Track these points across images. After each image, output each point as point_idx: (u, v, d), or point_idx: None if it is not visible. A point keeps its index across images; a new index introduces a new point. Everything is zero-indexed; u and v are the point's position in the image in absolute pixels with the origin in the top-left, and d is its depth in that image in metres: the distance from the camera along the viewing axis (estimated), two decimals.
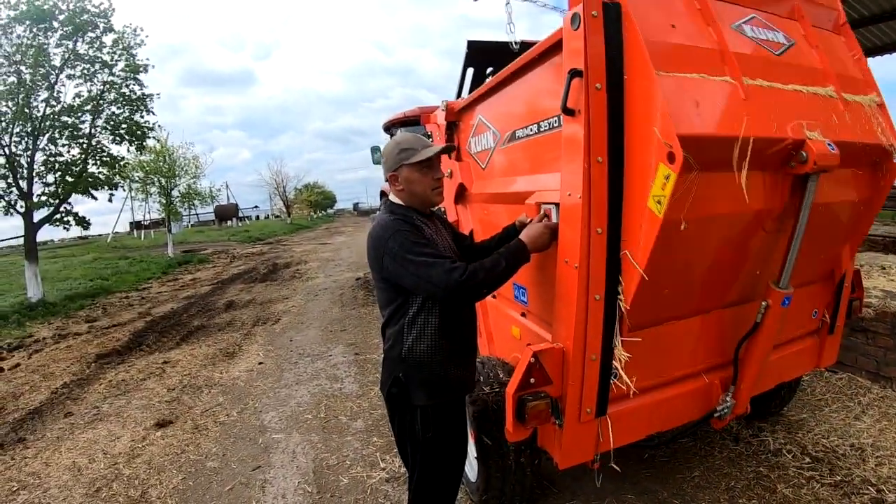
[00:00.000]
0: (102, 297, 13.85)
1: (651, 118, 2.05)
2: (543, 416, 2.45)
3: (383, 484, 3.91)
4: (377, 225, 2.47)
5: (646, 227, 2.13)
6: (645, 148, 2.10)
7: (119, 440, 5.04)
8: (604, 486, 3.59)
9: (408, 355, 2.43)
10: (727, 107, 2.18)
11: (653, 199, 2.06)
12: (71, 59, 13.00)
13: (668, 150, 1.94)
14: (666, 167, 1.96)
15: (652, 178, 2.05)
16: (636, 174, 2.18)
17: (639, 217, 2.17)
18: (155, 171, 22.81)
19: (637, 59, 2.11)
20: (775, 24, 2.63)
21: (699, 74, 2.16)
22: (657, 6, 2.26)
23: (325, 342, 7.89)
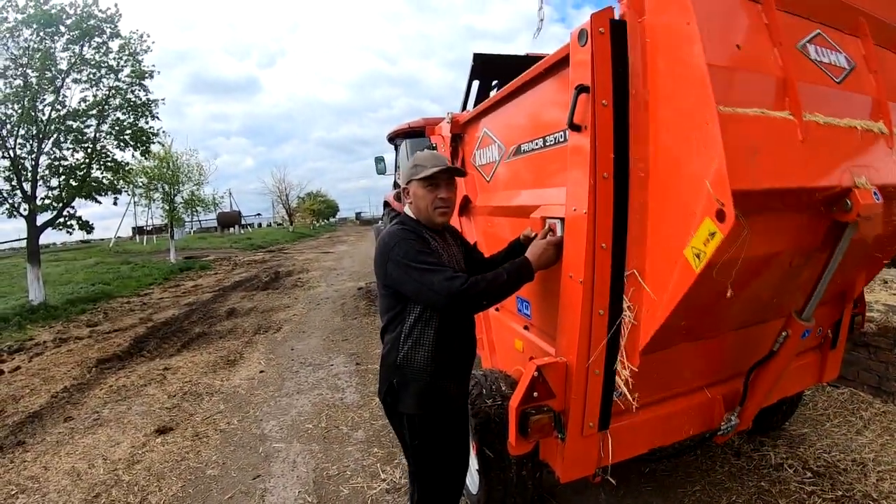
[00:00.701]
0: (104, 301, 13.86)
1: (704, 163, 1.85)
2: (546, 430, 2.45)
3: (384, 495, 3.90)
4: (385, 233, 2.53)
5: (678, 276, 2.04)
6: (688, 191, 1.94)
7: (119, 446, 5.03)
8: (604, 499, 3.60)
9: (402, 363, 2.48)
10: (785, 152, 2.04)
11: (691, 250, 1.95)
12: (77, 63, 13.06)
13: (718, 206, 1.78)
14: (713, 224, 1.82)
15: (693, 229, 1.91)
16: (672, 214, 2.06)
17: (670, 261, 2.07)
18: (159, 177, 22.87)
19: (692, 86, 1.88)
20: (839, 43, 2.45)
21: (760, 110, 1.98)
22: (722, 21, 2.10)
23: (326, 351, 7.88)
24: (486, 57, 4.73)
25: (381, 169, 10.71)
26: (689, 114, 1.91)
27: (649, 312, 2.19)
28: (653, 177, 2.14)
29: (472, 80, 4.81)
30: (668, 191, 2.08)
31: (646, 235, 2.21)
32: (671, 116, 2.03)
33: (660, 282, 2.15)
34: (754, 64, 2.07)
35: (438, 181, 2.53)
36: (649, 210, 2.18)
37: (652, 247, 2.18)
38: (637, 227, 2.23)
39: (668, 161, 2.06)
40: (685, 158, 1.96)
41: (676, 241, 2.01)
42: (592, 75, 2.15)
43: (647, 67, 2.11)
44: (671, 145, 2.04)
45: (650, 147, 2.14)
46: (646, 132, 2.14)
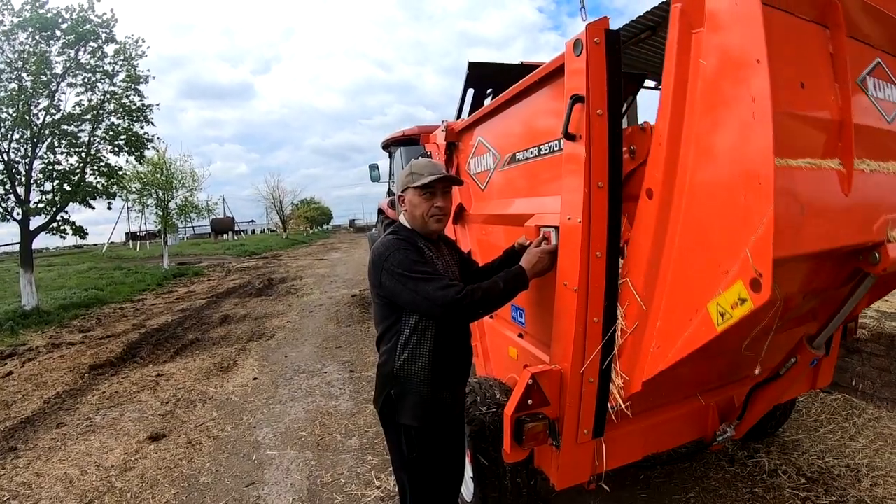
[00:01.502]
0: (97, 307, 13.82)
1: (747, 224, 1.68)
2: (541, 438, 2.46)
3: (378, 503, 3.89)
4: (379, 243, 2.53)
5: (697, 327, 1.92)
6: (724, 246, 1.79)
7: (111, 452, 5.01)
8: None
9: (399, 373, 2.47)
10: (829, 207, 1.92)
11: (716, 307, 1.82)
12: (72, 67, 13.04)
13: (755, 275, 1.65)
14: (746, 291, 1.69)
15: (723, 287, 1.78)
16: (702, 263, 1.91)
17: (690, 308, 1.95)
18: (152, 182, 22.84)
19: (750, 134, 1.68)
20: (894, 73, 2.31)
21: (811, 161, 1.85)
22: (791, 52, 1.90)
23: (320, 359, 7.87)
24: (481, 65, 4.74)
25: (375, 176, 10.73)
26: (738, 162, 1.73)
27: (659, 350, 2.13)
28: (685, 210, 1.97)
29: (466, 89, 4.83)
30: (700, 236, 1.93)
31: (662, 266, 2.10)
32: (715, 156, 1.85)
33: (674, 324, 2.05)
34: (814, 104, 1.96)
35: (435, 189, 2.53)
36: (675, 243, 2.03)
37: (672, 285, 2.07)
38: (650, 249, 2.12)
39: (704, 202, 1.90)
40: (725, 210, 1.79)
41: (701, 292, 1.89)
42: (587, 85, 2.18)
43: (690, 90, 1.94)
44: (711, 188, 1.87)
45: (685, 176, 1.97)
46: (676, 154, 1.99)
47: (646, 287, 2.13)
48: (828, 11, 2.00)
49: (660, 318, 2.10)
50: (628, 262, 2.25)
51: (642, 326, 2.19)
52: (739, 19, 1.72)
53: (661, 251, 2.08)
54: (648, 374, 2.18)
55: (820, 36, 2.01)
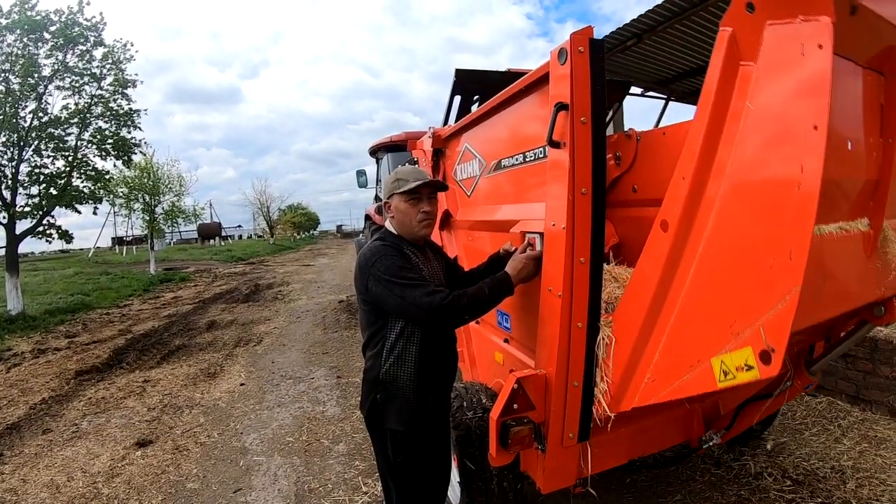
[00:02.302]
0: (83, 312, 13.73)
1: (766, 294, 1.63)
2: (526, 441, 2.47)
3: None
4: (366, 248, 2.55)
5: (696, 377, 1.89)
6: (739, 307, 1.74)
7: (98, 459, 4.99)
8: None
9: (385, 378, 2.49)
10: (851, 272, 1.87)
11: (720, 363, 1.79)
12: (60, 70, 13.00)
13: (766, 348, 1.62)
14: (754, 360, 1.66)
15: (731, 347, 1.74)
16: (712, 315, 1.85)
17: (691, 357, 1.92)
18: (139, 187, 22.71)
19: (788, 201, 1.60)
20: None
21: (842, 225, 1.78)
22: (846, 107, 1.82)
23: (307, 364, 7.87)
24: (468, 72, 4.76)
25: (362, 182, 10.74)
26: (771, 228, 1.65)
27: (654, 384, 2.10)
28: (703, 256, 1.90)
29: (453, 95, 4.84)
30: (716, 287, 1.85)
31: (668, 302, 2.04)
32: (746, 210, 1.77)
33: (673, 365, 2.01)
34: (857, 165, 1.88)
35: (421, 195, 2.55)
36: (686, 284, 1.96)
37: (676, 325, 2.01)
38: (658, 282, 2.04)
39: (726, 254, 1.83)
40: (748, 270, 1.73)
41: (707, 343, 1.85)
42: (572, 93, 2.20)
43: (728, 130, 1.84)
44: (736, 241, 1.79)
45: (707, 219, 1.89)
46: (700, 194, 1.91)
47: (647, 317, 2.11)
48: (888, 57, 1.96)
49: (658, 352, 2.08)
50: (632, 288, 2.23)
51: (638, 353, 2.18)
52: (804, 73, 1.62)
53: (668, 286, 2.04)
54: (639, 403, 2.19)
55: (875, 85, 1.97)
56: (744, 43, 1.80)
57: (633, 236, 4.46)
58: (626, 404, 2.25)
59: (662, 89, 12.49)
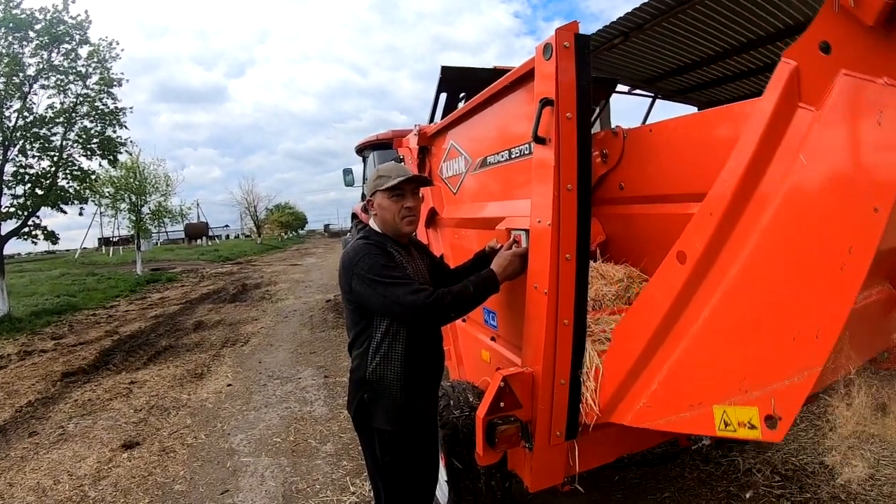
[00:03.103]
0: (69, 313, 13.61)
1: (785, 363, 1.58)
2: (513, 440, 2.46)
3: None
4: (349, 248, 2.53)
5: (694, 418, 1.87)
6: (751, 365, 1.69)
7: (85, 461, 4.95)
8: None
9: (372, 378, 2.48)
10: (868, 333, 1.85)
11: (723, 413, 1.76)
12: (45, 69, 12.88)
13: (773, 413, 1.60)
14: (758, 420, 1.63)
15: (737, 401, 1.71)
16: (724, 366, 1.80)
17: (692, 397, 1.89)
18: (125, 187, 22.56)
19: (832, 278, 1.51)
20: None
21: (867, 293, 1.74)
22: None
23: (294, 364, 7.84)
24: (454, 70, 4.75)
25: (349, 181, 10.73)
26: (804, 303, 1.57)
27: (648, 411, 2.08)
28: (722, 299, 1.82)
29: (439, 93, 4.83)
30: (731, 335, 1.78)
31: (674, 334, 1.99)
32: (776, 270, 1.68)
33: (671, 399, 1.98)
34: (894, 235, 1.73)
35: (404, 191, 2.54)
36: (698, 322, 1.90)
37: (680, 360, 1.96)
38: (666, 312, 1.98)
39: (748, 306, 1.75)
40: (770, 332, 1.65)
41: (711, 389, 1.81)
42: (557, 88, 2.19)
43: (771, 175, 1.73)
44: (760, 297, 1.71)
45: (731, 264, 1.81)
46: (727, 235, 1.83)
47: (650, 342, 2.07)
48: None
49: (658, 382, 2.04)
50: (638, 309, 2.18)
51: (635, 374, 2.16)
52: (876, 147, 1.46)
53: (677, 318, 1.98)
54: (631, 423, 2.18)
55: None
56: (808, 84, 1.65)
57: (621, 233, 4.48)
58: (617, 418, 2.25)
59: (649, 87, 12.56)
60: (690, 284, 1.91)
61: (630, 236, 4.36)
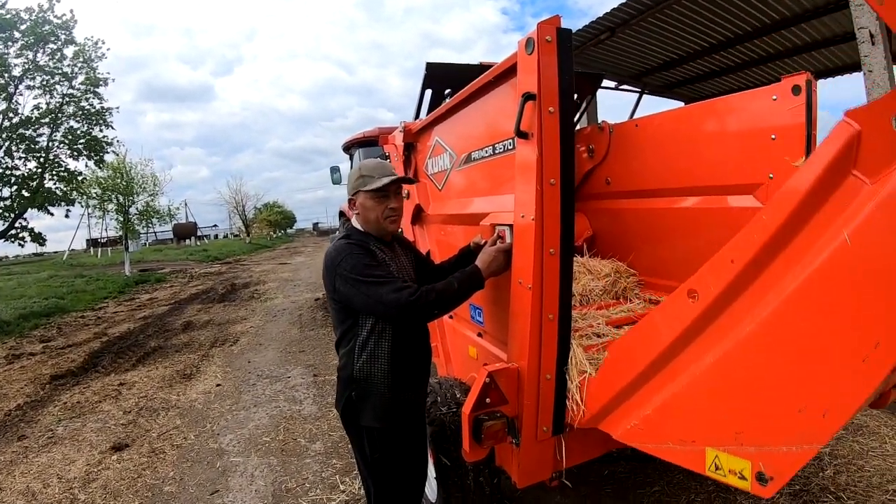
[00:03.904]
0: (57, 316, 13.51)
1: (787, 429, 1.54)
2: (500, 436, 2.46)
3: None
4: (331, 247, 2.53)
5: (685, 453, 1.84)
6: (751, 418, 1.65)
7: (74, 464, 4.92)
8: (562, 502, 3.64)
9: (359, 376, 2.48)
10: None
11: (714, 456, 1.73)
12: (31, 70, 12.81)
13: (764, 471, 1.57)
14: (749, 472, 1.60)
15: (730, 449, 1.68)
16: (717, 408, 1.77)
17: (685, 433, 1.86)
18: (112, 187, 22.41)
19: (847, 370, 1.44)
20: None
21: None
22: None
23: (283, 363, 7.82)
24: (439, 66, 4.73)
25: (336, 179, 10.72)
26: (819, 380, 1.51)
27: (639, 433, 2.05)
28: (732, 347, 1.75)
29: (424, 89, 4.82)
30: (735, 385, 1.73)
31: (674, 366, 1.95)
32: (790, 338, 1.60)
33: (664, 428, 1.95)
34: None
35: (388, 191, 2.53)
36: (701, 362, 1.84)
37: (677, 393, 1.91)
38: (668, 345, 1.94)
39: (758, 363, 1.67)
40: (776, 394, 1.60)
41: (706, 431, 1.78)
42: (539, 83, 2.18)
43: (804, 239, 1.63)
44: (772, 361, 1.63)
45: (747, 314, 1.73)
46: (746, 285, 1.75)
47: (648, 369, 2.03)
48: None
49: (653, 408, 2.00)
50: (640, 334, 2.13)
51: (628, 394, 2.14)
52: None
53: (679, 352, 1.94)
54: (619, 438, 2.16)
55: None
56: (869, 153, 1.51)
57: (608, 228, 4.49)
58: (605, 427, 2.26)
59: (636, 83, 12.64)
60: (698, 324, 1.85)
61: (617, 231, 4.38)
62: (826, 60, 11.02)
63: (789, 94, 2.85)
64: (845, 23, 8.38)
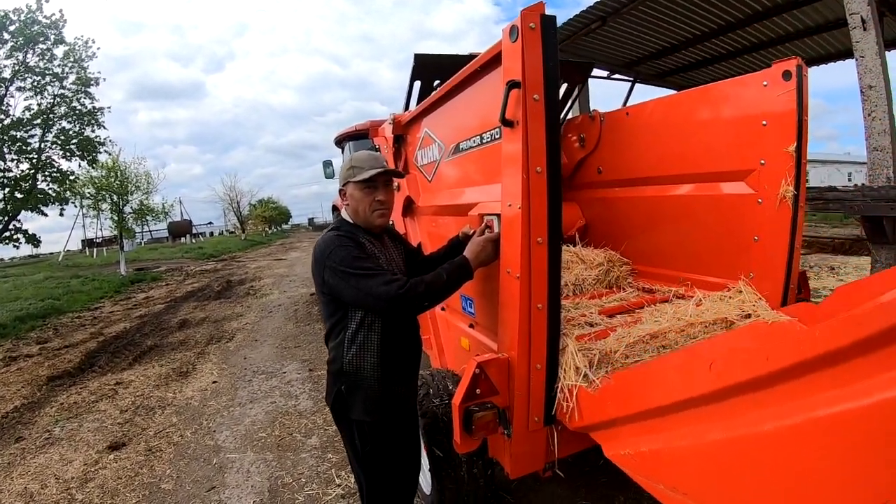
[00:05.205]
0: (54, 317, 13.47)
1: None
2: (491, 427, 2.45)
3: (339, 500, 3.88)
4: (321, 240, 2.52)
5: (670, 497, 1.83)
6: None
7: (71, 464, 4.92)
8: (560, 494, 3.64)
9: (349, 369, 2.47)
10: None
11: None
12: (21, 71, 12.77)
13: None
14: None
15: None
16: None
17: (674, 480, 1.85)
18: (106, 186, 22.33)
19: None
20: None
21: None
22: None
23: (279, 359, 7.82)
24: (427, 57, 4.71)
25: (329, 173, 10.70)
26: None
27: (631, 461, 2.04)
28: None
29: (413, 81, 4.80)
30: (731, 470, 1.64)
31: (681, 416, 1.87)
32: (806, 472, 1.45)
33: (655, 470, 1.94)
34: None
35: (377, 183, 2.52)
36: (712, 425, 1.74)
37: (676, 450, 1.86)
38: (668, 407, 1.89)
39: (759, 462, 1.56)
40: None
41: (694, 491, 1.76)
42: (523, 70, 2.17)
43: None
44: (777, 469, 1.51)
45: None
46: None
47: (646, 413, 2.00)
48: None
49: (647, 446, 1.97)
50: (647, 374, 2.09)
51: (623, 423, 2.13)
52: None
53: (686, 409, 1.85)
54: (610, 458, 2.17)
55: None
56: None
57: (600, 217, 4.50)
58: (597, 438, 2.28)
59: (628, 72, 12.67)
60: (713, 396, 1.74)
61: (610, 220, 4.39)
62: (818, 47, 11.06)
63: (780, 80, 2.87)
64: (837, 9, 8.40)
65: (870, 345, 1.27)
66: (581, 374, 2.34)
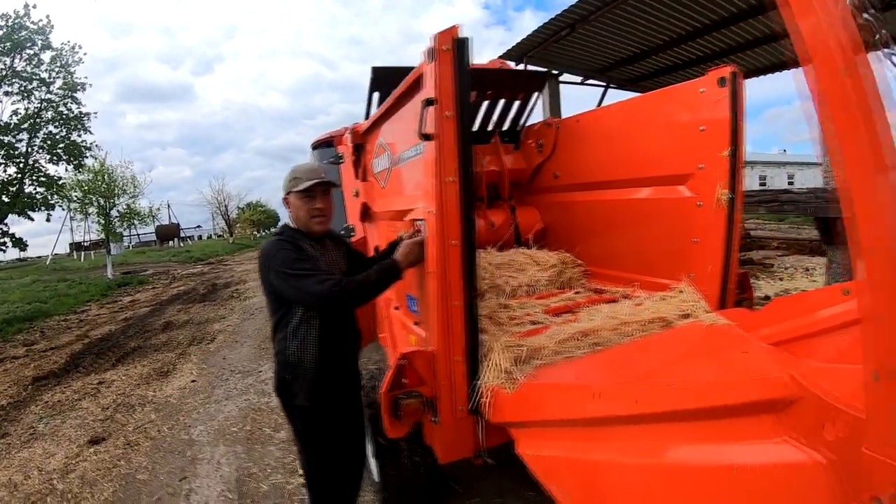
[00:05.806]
0: (40, 320, 13.56)
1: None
2: (417, 413, 2.67)
3: (301, 489, 4.06)
4: (266, 244, 2.76)
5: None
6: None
7: (53, 457, 5.10)
8: (505, 483, 3.80)
9: (291, 360, 2.70)
10: None
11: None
12: (8, 76, 12.85)
13: None
14: None
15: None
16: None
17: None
18: (93, 190, 22.28)
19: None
20: None
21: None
22: None
23: (256, 359, 7.99)
24: (384, 70, 4.89)
25: None
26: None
27: (544, 463, 2.23)
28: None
29: (372, 92, 4.98)
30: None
31: (588, 433, 2.05)
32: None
33: (565, 479, 2.10)
34: None
35: (314, 193, 2.73)
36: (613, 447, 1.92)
37: (588, 465, 2.01)
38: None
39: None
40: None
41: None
42: (437, 89, 2.38)
43: None
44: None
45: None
46: None
47: (556, 422, 2.24)
48: None
49: (546, 448, 2.20)
50: (555, 389, 2.34)
51: (535, 427, 2.36)
52: None
53: (592, 427, 2.06)
54: (524, 458, 2.34)
55: None
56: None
57: (557, 221, 4.69)
58: (513, 434, 2.52)
59: (601, 77, 12.84)
60: (592, 423, 2.04)
61: (566, 223, 4.57)
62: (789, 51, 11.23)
63: (715, 87, 3.05)
64: None
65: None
66: (502, 371, 2.53)
